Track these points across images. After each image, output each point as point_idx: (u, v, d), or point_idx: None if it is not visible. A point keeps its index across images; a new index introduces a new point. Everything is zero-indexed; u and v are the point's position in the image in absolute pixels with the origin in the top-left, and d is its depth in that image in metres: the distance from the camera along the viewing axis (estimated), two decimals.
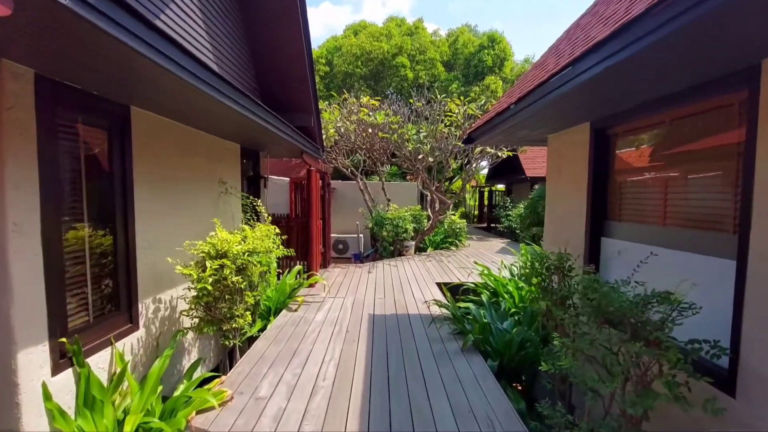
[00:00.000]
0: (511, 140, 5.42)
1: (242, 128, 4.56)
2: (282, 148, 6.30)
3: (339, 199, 12.56)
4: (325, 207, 8.79)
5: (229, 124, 4.24)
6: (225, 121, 4.11)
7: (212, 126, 4.37)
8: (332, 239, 11.82)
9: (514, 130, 4.50)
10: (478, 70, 14.54)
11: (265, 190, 6.71)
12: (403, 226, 10.59)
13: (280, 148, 6.21)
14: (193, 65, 2.56)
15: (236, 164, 5.59)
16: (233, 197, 5.29)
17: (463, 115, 10.02)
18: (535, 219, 13.87)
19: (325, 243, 8.83)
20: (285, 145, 5.79)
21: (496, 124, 4.48)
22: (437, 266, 9.11)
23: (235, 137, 5.21)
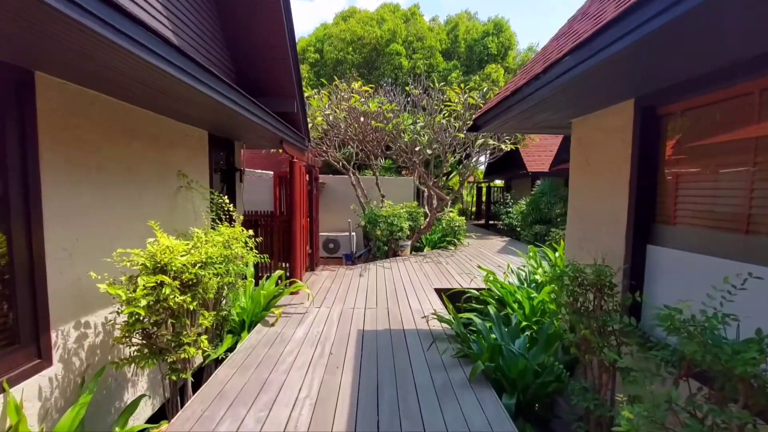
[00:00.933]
0: (524, 127, 4.65)
1: (205, 110, 3.75)
2: (259, 137, 5.48)
3: (330, 194, 11.75)
4: (313, 204, 7.99)
5: (188, 104, 3.44)
6: (182, 102, 3.30)
7: (168, 107, 3.56)
8: (322, 238, 11.03)
9: (533, 112, 3.72)
10: (482, 58, 13.75)
11: (241, 185, 5.90)
12: (399, 224, 9.82)
13: (257, 136, 5.39)
14: (123, 22, 1.77)
15: (202, 154, 4.77)
16: (198, 193, 4.48)
17: (463, 105, 9.22)
18: (537, 216, 13.16)
19: (312, 243, 8.04)
20: (261, 132, 4.98)
21: (510, 106, 3.70)
22: (435, 269, 8.35)
23: (199, 122, 4.39)
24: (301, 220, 6.53)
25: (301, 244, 6.63)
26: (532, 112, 3.73)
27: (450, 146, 10.07)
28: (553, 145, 16.22)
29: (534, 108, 3.48)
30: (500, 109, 4.07)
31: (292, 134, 5.64)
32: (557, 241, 11.00)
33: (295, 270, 6.10)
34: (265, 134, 5.13)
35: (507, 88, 4.34)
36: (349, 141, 9.58)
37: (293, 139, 5.70)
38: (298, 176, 6.11)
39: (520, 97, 3.47)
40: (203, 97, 3.02)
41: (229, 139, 5.63)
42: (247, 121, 4.12)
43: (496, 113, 4.22)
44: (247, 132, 5.10)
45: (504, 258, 9.72)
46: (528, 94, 3.23)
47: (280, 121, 4.98)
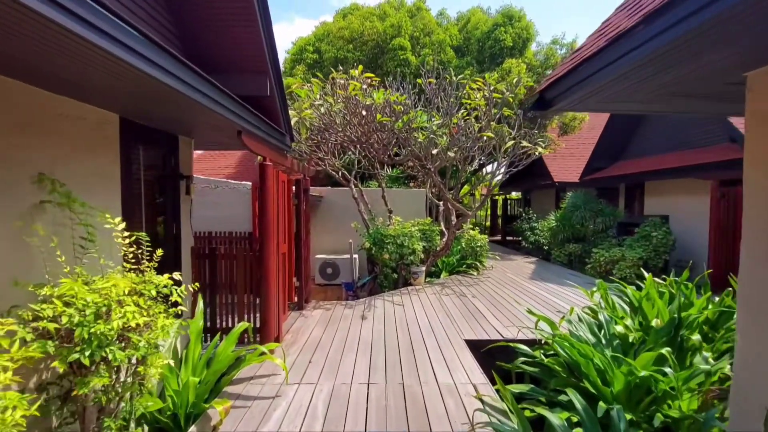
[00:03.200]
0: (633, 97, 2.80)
1: (108, 77, 2.00)
2: (212, 128, 3.74)
3: (328, 209, 9.98)
4: (302, 222, 6.19)
5: (78, 67, 1.69)
6: (70, 63, 1.56)
7: (43, 71, 1.82)
8: (318, 262, 9.21)
9: (682, 56, 1.90)
10: (494, 52, 12.09)
11: (188, 198, 4.12)
12: (410, 245, 7.98)
13: (206, 125, 3.64)
14: None
15: (108, 151, 3.01)
16: (96, 214, 2.69)
17: (486, 102, 7.47)
18: (570, 234, 11.27)
19: (301, 273, 6.21)
20: (208, 117, 3.23)
21: (627, 53, 1.94)
22: (460, 305, 6.46)
23: (102, 97, 2.64)
24: (281, 245, 4.72)
25: (282, 278, 4.81)
26: (682, 55, 1.92)
27: (471, 150, 8.28)
28: (581, 151, 14.41)
29: (692, 43, 1.67)
30: (601, 63, 2.29)
31: (262, 125, 3.88)
32: (606, 268, 9.07)
33: (269, 319, 4.26)
34: (218, 122, 3.37)
35: (602, 37, 2.54)
36: (348, 144, 7.83)
37: (263, 131, 3.93)
38: (274, 185, 4.32)
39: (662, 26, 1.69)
40: (101, 55, 1.29)
41: (170, 133, 3.88)
42: (175, 96, 2.37)
43: (590, 73, 2.44)
44: (186, 116, 3.34)
45: (541, 287, 7.81)
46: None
47: (237, 101, 3.22)
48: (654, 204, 10.85)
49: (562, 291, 7.49)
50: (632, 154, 11.80)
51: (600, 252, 9.43)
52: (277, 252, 4.47)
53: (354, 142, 7.15)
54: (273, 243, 4.27)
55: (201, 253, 4.31)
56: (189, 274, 4.21)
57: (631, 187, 11.80)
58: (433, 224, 9.30)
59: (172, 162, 3.92)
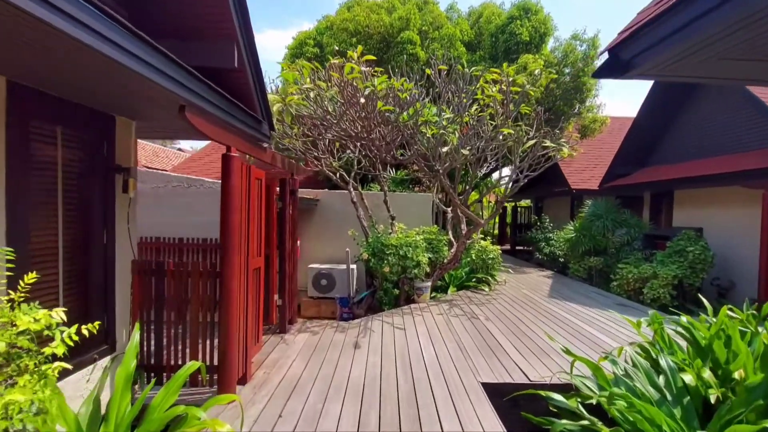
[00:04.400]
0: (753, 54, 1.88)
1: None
2: (148, 101, 2.80)
3: (324, 214, 9.03)
4: (287, 230, 5.23)
5: None
6: None
7: None
8: (312, 272, 8.24)
9: None
10: (509, 47, 11.16)
11: (126, 197, 3.18)
12: (414, 257, 7.01)
13: (136, 96, 2.71)
14: None
15: None
16: None
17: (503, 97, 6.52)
18: (590, 246, 10.23)
19: (285, 289, 5.24)
20: (136, 83, 2.30)
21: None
22: (472, 330, 5.47)
23: None
24: (253, 259, 3.77)
25: (254, 299, 3.86)
26: None
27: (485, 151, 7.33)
28: (599, 157, 13.41)
29: None
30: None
31: (222, 103, 2.94)
32: (635, 286, 7.96)
33: (230, 355, 3.28)
34: (151, 90, 2.44)
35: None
36: (346, 140, 6.89)
37: (225, 111, 3.00)
38: (241, 183, 3.38)
39: None
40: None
41: (100, 112, 2.95)
42: (81, 49, 1.45)
43: (706, 9, 1.49)
44: (102, 81, 2.40)
45: (564, 309, 6.78)
46: None
47: (177, 62, 2.29)
48: (684, 215, 9.81)
49: (590, 314, 6.46)
50: (660, 160, 10.78)
51: (627, 268, 8.39)
52: (244, 267, 3.52)
53: (352, 137, 6.21)
54: (238, 257, 3.31)
55: (146, 269, 3.37)
56: (126, 298, 3.26)
57: (658, 195, 10.76)
58: (441, 233, 8.32)
59: (105, 149, 2.99)
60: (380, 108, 5.26)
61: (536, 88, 6.92)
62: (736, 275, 8.28)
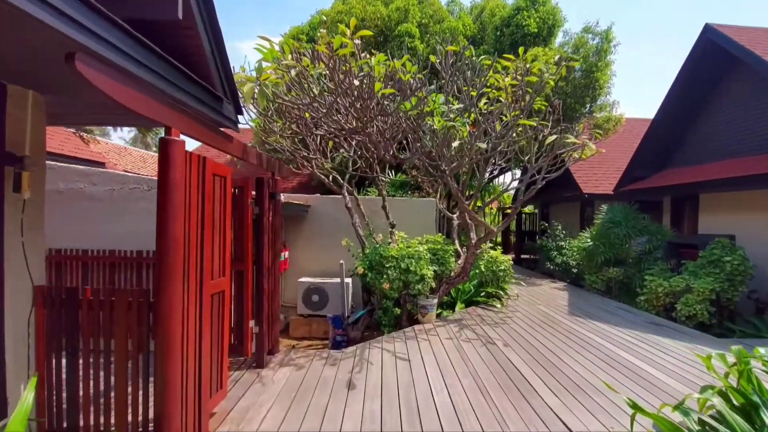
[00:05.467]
0: None
1: None
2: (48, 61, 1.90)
3: (316, 222, 8.12)
4: (265, 241, 4.30)
5: None
6: None
7: None
8: (302, 287, 7.31)
9: None
10: (515, 40, 10.40)
11: (19, 198, 2.26)
12: (418, 270, 6.09)
13: (27, 50, 1.80)
14: None
15: None
16: None
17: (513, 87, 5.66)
18: (609, 255, 9.33)
19: (262, 313, 4.28)
20: (16, 27, 1.38)
21: None
22: (491, 361, 4.53)
23: None
24: (209, 282, 2.84)
25: (217, 334, 2.93)
26: None
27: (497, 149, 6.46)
28: (612, 159, 12.58)
29: None
30: None
31: (150, 59, 2.04)
32: (666, 301, 6.91)
33: (168, 425, 2.33)
34: (34, 36, 1.53)
35: None
36: (338, 135, 5.99)
37: (155, 72, 2.09)
38: (184, 175, 2.46)
39: None
40: None
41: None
42: None
43: None
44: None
45: (592, 330, 5.83)
46: None
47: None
48: (712, 221, 8.94)
49: (622, 336, 5.53)
50: (682, 161, 9.93)
51: (656, 280, 7.48)
52: (195, 294, 2.59)
53: (345, 132, 5.31)
54: (181, 281, 2.39)
55: (53, 298, 2.43)
56: (22, 339, 2.32)
57: (680, 200, 9.90)
58: (447, 243, 7.40)
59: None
60: (378, 92, 4.37)
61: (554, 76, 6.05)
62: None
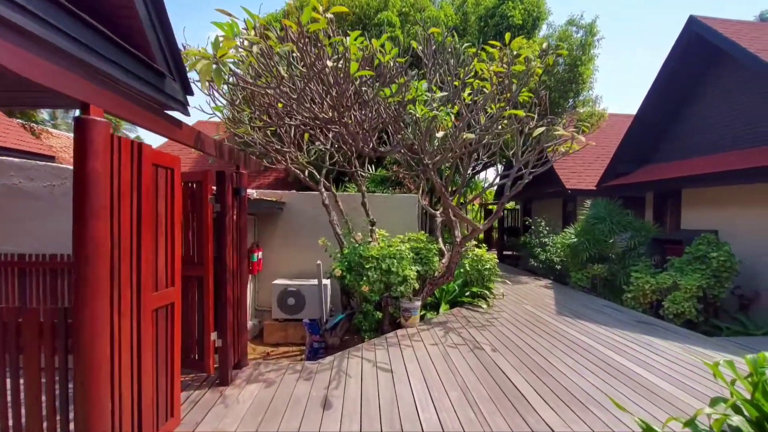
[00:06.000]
0: None
1: None
2: None
3: (292, 220, 7.65)
4: (227, 241, 3.82)
5: None
6: None
7: None
8: (277, 289, 6.84)
9: None
10: (499, 31, 10.14)
11: None
12: (400, 271, 5.71)
13: None
14: None
15: None
16: None
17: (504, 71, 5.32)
18: (593, 251, 9.18)
19: (225, 324, 3.81)
20: None
21: None
22: (479, 369, 4.18)
23: None
24: (148, 296, 2.36)
25: (149, 365, 2.45)
26: None
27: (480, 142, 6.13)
28: (595, 155, 12.50)
29: None
30: None
31: (56, 15, 1.54)
32: (653, 298, 6.66)
33: None
34: None
35: None
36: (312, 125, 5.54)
37: (63, 34, 1.60)
38: (107, 164, 1.98)
39: None
40: None
41: None
42: None
43: None
44: None
45: (582, 331, 5.57)
46: None
47: None
48: (695, 216, 8.88)
49: (613, 338, 5.29)
50: (665, 157, 9.86)
51: (643, 277, 7.32)
52: (130, 310, 2.12)
53: (319, 122, 4.85)
54: (108, 296, 1.91)
55: None
56: None
57: (663, 195, 9.84)
58: (430, 241, 7.05)
59: None
60: (354, 74, 3.93)
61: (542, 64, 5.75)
62: (760, 284, 7.34)
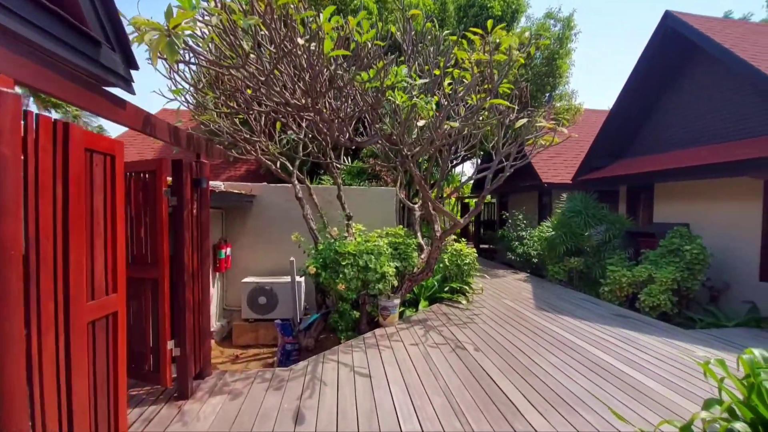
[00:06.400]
0: None
1: None
2: None
3: (263, 214, 7.23)
4: (185, 241, 3.43)
5: None
6: None
7: None
8: (248, 287, 6.44)
9: None
10: (478, 22, 9.94)
11: None
12: (378, 268, 5.43)
13: None
14: None
15: None
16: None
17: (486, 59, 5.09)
18: (570, 244, 9.20)
19: (184, 330, 3.43)
20: None
21: None
22: (462, 371, 3.97)
23: None
24: (78, 306, 1.98)
25: (81, 390, 2.07)
26: None
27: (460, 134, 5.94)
28: (570, 150, 12.57)
29: None
30: None
31: None
32: (629, 291, 6.60)
33: None
34: None
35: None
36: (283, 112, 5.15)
37: None
38: (12, 144, 1.59)
39: None
40: None
41: None
42: None
43: None
44: None
45: (564, 327, 5.47)
46: None
47: None
48: (667, 210, 9.02)
49: (594, 333, 5.20)
50: (640, 151, 9.96)
51: (619, 270, 7.35)
52: (54, 327, 1.74)
53: (291, 107, 4.47)
54: (20, 310, 1.53)
55: None
56: None
57: (636, 189, 9.97)
58: (409, 236, 6.80)
59: None
60: (329, 53, 3.58)
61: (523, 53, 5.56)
62: (729, 276, 7.50)
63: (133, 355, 3.32)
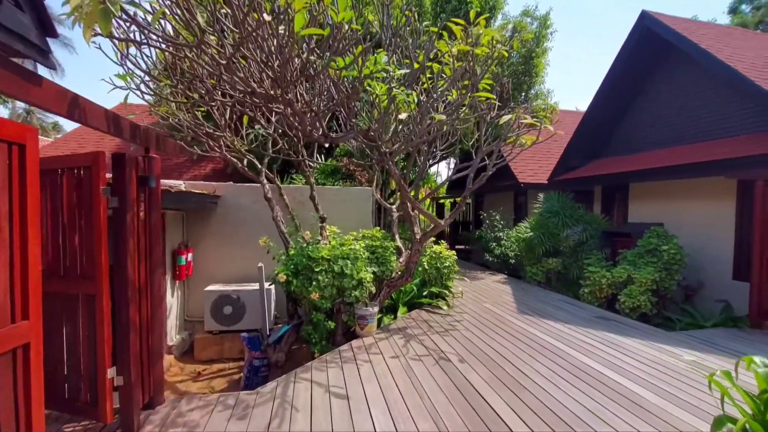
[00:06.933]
0: None
1: None
2: None
3: (229, 216, 6.68)
4: (128, 249, 2.92)
5: None
6: None
7: None
8: (212, 296, 5.89)
9: None
10: (458, 16, 9.61)
11: None
12: (354, 274, 5.04)
13: None
14: None
15: None
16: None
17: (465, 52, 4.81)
18: (549, 245, 9.11)
19: (127, 355, 2.92)
20: None
21: None
22: (447, 385, 3.64)
23: None
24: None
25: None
26: None
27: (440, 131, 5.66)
28: (545, 150, 12.58)
29: None
30: None
31: None
32: (609, 292, 6.42)
33: None
34: None
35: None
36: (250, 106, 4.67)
37: None
38: None
39: None
40: None
41: None
42: None
43: None
44: None
45: (549, 333, 5.25)
46: None
47: None
48: (642, 210, 9.08)
49: (579, 338, 5.01)
50: (615, 151, 10.01)
51: (599, 271, 7.26)
52: None
53: (257, 98, 4.01)
54: None
55: None
56: None
57: (610, 189, 10.02)
58: (386, 238, 6.43)
59: None
60: (300, 32, 3.16)
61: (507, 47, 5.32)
62: (702, 275, 7.57)
63: (65, 386, 2.80)
